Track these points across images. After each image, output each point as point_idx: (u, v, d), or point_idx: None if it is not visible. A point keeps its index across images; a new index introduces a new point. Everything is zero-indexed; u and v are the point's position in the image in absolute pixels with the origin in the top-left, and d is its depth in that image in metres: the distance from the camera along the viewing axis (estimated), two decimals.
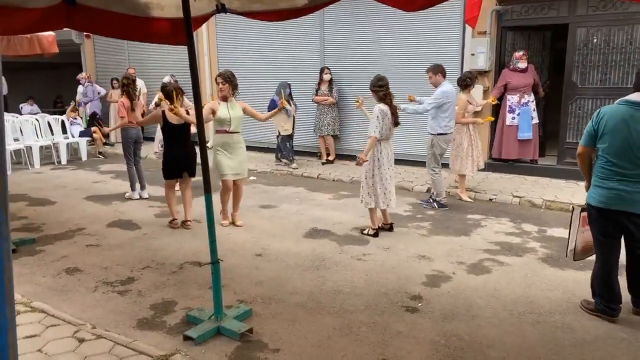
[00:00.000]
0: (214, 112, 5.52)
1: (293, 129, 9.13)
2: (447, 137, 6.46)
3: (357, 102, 5.85)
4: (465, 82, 6.77)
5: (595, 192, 3.51)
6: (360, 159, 5.29)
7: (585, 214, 3.72)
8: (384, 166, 5.36)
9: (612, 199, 3.41)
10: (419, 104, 6.48)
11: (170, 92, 5.48)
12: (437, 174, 6.51)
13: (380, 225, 5.56)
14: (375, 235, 5.46)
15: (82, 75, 12.38)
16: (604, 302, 3.60)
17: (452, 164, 6.98)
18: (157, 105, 6.98)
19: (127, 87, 6.82)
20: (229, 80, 5.57)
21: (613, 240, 3.55)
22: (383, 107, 5.29)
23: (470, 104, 6.85)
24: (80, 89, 12.39)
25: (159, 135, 7.32)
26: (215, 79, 5.78)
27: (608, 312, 3.60)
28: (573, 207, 3.87)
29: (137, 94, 7.08)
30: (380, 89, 5.32)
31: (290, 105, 8.65)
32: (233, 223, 5.95)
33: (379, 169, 5.35)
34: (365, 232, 5.54)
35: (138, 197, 7.26)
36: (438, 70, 6.36)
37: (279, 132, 9.04)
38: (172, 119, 5.56)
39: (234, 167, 5.68)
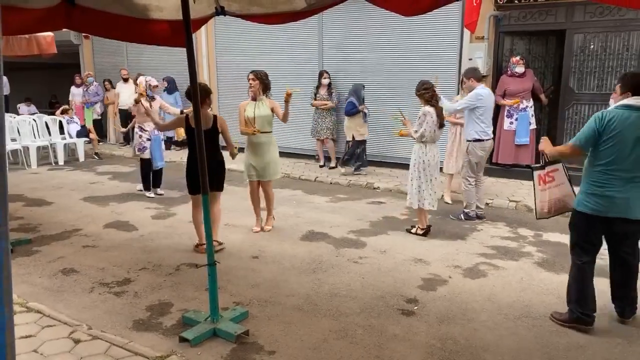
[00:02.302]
0: (244, 112, 5.52)
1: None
2: (484, 144, 6.01)
3: (401, 116, 5.73)
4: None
5: (589, 199, 3.39)
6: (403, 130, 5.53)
7: (540, 172, 3.70)
8: (430, 168, 5.37)
9: (609, 207, 3.32)
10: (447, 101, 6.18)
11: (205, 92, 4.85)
12: (470, 185, 6.11)
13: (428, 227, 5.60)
14: (425, 234, 5.51)
15: (87, 75, 12.34)
16: (580, 309, 3.49)
17: None
18: (137, 102, 7.00)
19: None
20: (259, 78, 5.46)
21: (595, 248, 3.51)
22: (429, 109, 5.30)
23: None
24: (73, 89, 12.34)
25: (137, 140, 7.16)
26: (248, 76, 5.60)
27: (583, 320, 3.49)
28: (531, 168, 3.84)
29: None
30: (427, 92, 5.33)
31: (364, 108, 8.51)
32: (262, 229, 5.77)
33: (424, 170, 5.38)
34: (413, 231, 5.58)
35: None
36: (470, 75, 6.10)
37: (353, 137, 8.57)
38: None
39: (259, 168, 5.55)
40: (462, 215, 6.21)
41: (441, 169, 6.90)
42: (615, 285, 3.66)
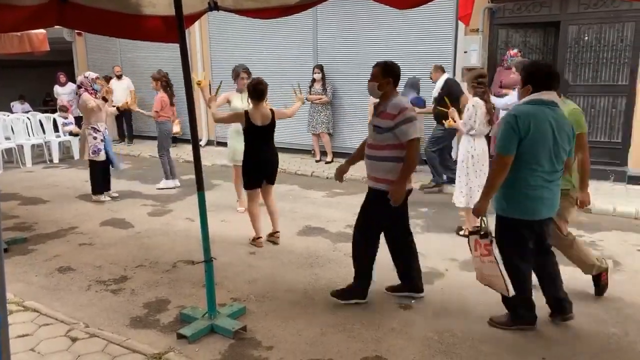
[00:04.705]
0: (229, 101, 5.88)
1: None
2: None
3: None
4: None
5: (516, 203, 3.20)
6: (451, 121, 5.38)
7: (477, 238, 3.35)
8: (479, 163, 5.09)
9: (540, 209, 3.20)
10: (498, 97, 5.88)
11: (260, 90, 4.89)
12: None
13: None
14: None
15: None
16: (523, 310, 3.41)
17: None
18: (105, 100, 7.03)
19: (167, 84, 7.52)
20: (249, 74, 5.93)
21: (530, 249, 3.36)
22: (478, 101, 5.06)
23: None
24: (57, 88, 12.15)
25: (91, 142, 6.81)
26: (240, 74, 5.94)
27: (528, 319, 3.42)
28: (469, 231, 3.55)
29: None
30: (480, 86, 5.05)
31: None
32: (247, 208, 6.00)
33: (473, 166, 5.10)
34: (462, 232, 5.31)
35: (173, 185, 7.65)
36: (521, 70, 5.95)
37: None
38: (257, 119, 4.85)
39: None
40: None
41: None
42: (543, 281, 3.56)
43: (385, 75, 3.63)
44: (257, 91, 4.85)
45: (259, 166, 4.98)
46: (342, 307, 3.80)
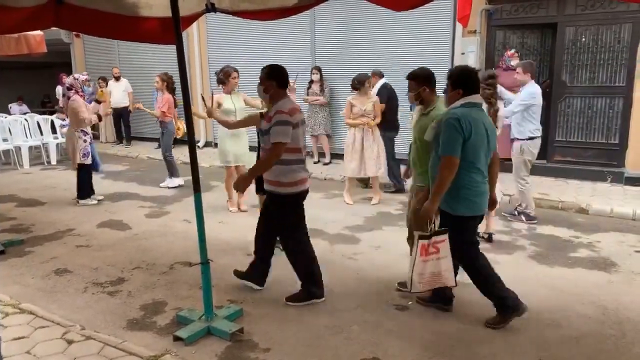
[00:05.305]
0: (219, 105, 5.92)
1: None
2: (537, 142, 5.79)
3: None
4: (356, 85, 6.61)
5: (468, 202, 3.36)
6: None
7: (425, 242, 3.37)
8: None
9: (484, 203, 3.45)
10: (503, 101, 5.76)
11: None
12: (527, 184, 5.86)
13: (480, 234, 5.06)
14: (488, 240, 5.18)
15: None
16: (510, 301, 3.47)
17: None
18: (98, 102, 7.03)
19: (173, 85, 7.61)
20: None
21: (477, 241, 3.61)
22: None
23: (354, 106, 6.56)
24: (59, 89, 12.19)
25: (81, 145, 6.68)
26: (231, 74, 6.06)
27: (517, 309, 3.47)
28: (419, 236, 3.45)
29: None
30: (488, 88, 4.94)
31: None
32: (239, 208, 6.45)
33: None
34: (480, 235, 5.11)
35: (178, 184, 7.74)
36: (529, 69, 5.80)
37: None
38: None
39: (239, 154, 6.14)
40: (523, 216, 5.96)
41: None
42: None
43: (269, 78, 3.71)
44: None
45: None
46: (339, 309, 3.79)
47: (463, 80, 3.39)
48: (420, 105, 3.85)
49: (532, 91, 5.74)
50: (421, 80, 3.75)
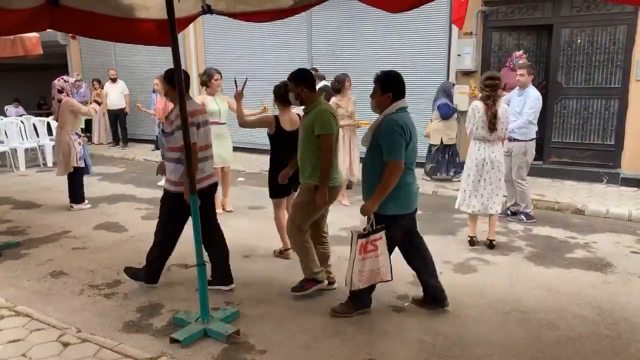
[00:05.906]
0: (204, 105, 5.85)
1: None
2: (534, 143, 5.95)
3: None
4: (336, 86, 6.61)
5: (400, 201, 3.47)
6: None
7: (363, 240, 3.41)
8: (481, 169, 4.98)
9: (415, 201, 3.62)
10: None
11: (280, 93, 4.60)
12: (527, 183, 5.96)
13: (472, 237, 5.23)
14: (470, 243, 5.18)
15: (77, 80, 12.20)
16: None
17: None
18: (98, 103, 7.01)
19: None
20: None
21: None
22: (477, 103, 4.97)
23: (340, 107, 6.52)
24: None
25: (77, 148, 6.55)
26: (214, 76, 6.05)
27: (365, 307, 3.71)
28: (352, 234, 3.49)
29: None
30: (485, 89, 4.92)
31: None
32: (224, 209, 6.40)
33: (472, 169, 5.04)
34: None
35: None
36: (532, 72, 5.87)
37: (441, 141, 7.79)
38: (286, 124, 4.55)
39: (223, 155, 6.11)
40: (523, 216, 6.02)
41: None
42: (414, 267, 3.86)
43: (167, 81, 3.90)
44: (286, 95, 4.38)
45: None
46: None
47: (392, 85, 3.45)
48: (302, 105, 3.99)
49: (538, 95, 5.82)
50: (298, 81, 3.91)
